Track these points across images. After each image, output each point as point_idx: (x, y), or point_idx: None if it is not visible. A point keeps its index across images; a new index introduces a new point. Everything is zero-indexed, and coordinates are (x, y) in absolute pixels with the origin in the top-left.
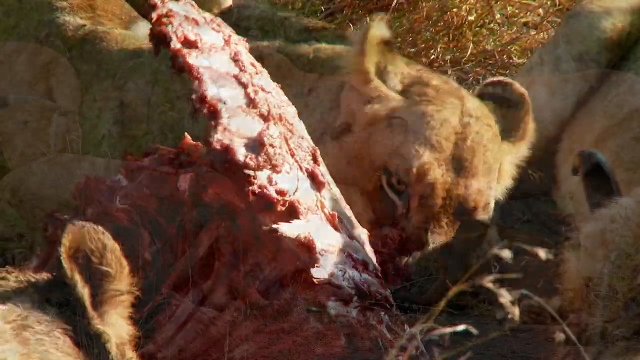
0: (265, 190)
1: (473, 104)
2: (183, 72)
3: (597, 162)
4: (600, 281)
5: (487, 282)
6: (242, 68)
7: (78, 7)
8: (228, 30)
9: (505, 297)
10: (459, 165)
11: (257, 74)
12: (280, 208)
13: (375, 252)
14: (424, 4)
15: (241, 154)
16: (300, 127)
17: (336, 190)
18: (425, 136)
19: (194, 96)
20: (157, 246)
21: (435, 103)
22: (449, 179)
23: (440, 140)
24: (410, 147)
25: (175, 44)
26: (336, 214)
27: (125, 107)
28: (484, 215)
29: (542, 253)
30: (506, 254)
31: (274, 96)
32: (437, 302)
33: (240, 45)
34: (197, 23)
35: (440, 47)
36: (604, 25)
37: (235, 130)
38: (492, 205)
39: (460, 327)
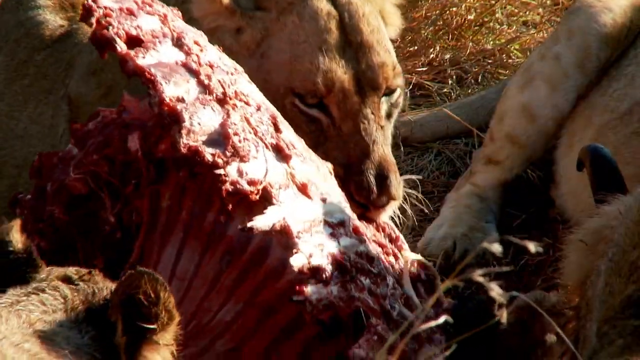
0: (238, 186)
1: None
2: (135, 75)
3: (602, 156)
4: (598, 278)
5: (478, 276)
6: (188, 51)
7: (60, 5)
8: (160, 7)
9: (495, 290)
10: (353, 49)
11: (202, 51)
12: (254, 197)
13: None
14: (423, 3)
15: (209, 153)
16: (255, 92)
17: (300, 147)
18: (309, 42)
19: (151, 101)
20: (120, 207)
21: (296, 2)
22: (352, 70)
23: (324, 37)
24: (302, 60)
25: (121, 47)
26: (306, 181)
27: (72, 104)
28: (399, 80)
29: (531, 246)
30: (496, 247)
31: (223, 69)
32: None
33: (177, 20)
34: (132, 13)
35: (440, 46)
36: (604, 21)
37: (198, 129)
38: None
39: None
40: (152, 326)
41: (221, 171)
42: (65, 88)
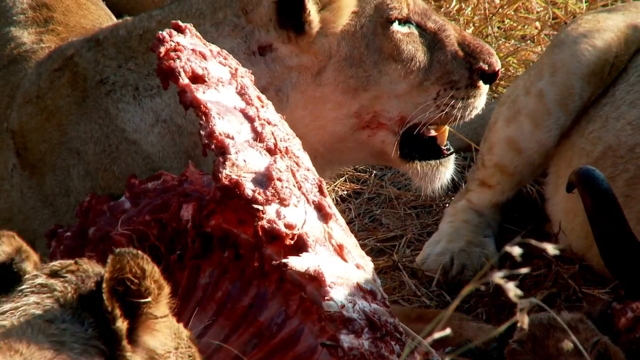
0: (274, 225)
1: None
2: (191, 107)
3: (594, 178)
4: None
5: (498, 278)
6: (249, 102)
7: (33, 20)
8: (234, 62)
9: (513, 291)
10: None
11: (263, 107)
12: (289, 242)
13: None
14: None
15: (249, 188)
16: (306, 159)
17: (342, 221)
18: None
19: (202, 132)
20: None
21: None
22: None
23: None
24: None
25: (184, 79)
26: (343, 244)
27: (16, 136)
28: None
29: (550, 248)
30: (516, 251)
31: (280, 129)
32: None
33: (247, 78)
34: (204, 56)
35: None
36: (588, 59)
37: (243, 165)
38: None
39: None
40: (146, 300)
41: (259, 207)
42: (7, 121)
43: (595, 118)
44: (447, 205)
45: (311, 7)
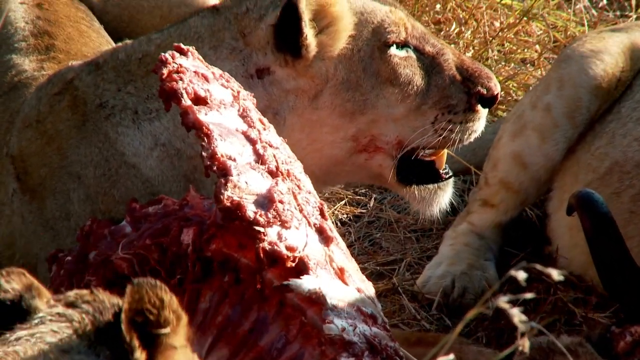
0: (275, 247)
1: None
2: (193, 129)
3: (594, 201)
4: None
5: (502, 303)
6: (251, 124)
7: (34, 48)
8: (236, 85)
9: (518, 317)
10: None
11: (264, 129)
12: (290, 264)
13: None
14: None
15: (251, 210)
16: (307, 182)
17: (343, 245)
18: None
19: (204, 153)
20: None
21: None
22: None
23: None
24: None
25: (186, 101)
26: (344, 268)
27: (16, 160)
28: None
29: (554, 274)
30: (521, 275)
31: (282, 152)
32: None
33: (248, 100)
34: (206, 79)
35: None
36: (595, 72)
37: (244, 187)
38: None
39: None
40: (166, 330)
41: (261, 228)
42: (7, 146)
43: (602, 134)
44: (447, 228)
45: (308, 31)
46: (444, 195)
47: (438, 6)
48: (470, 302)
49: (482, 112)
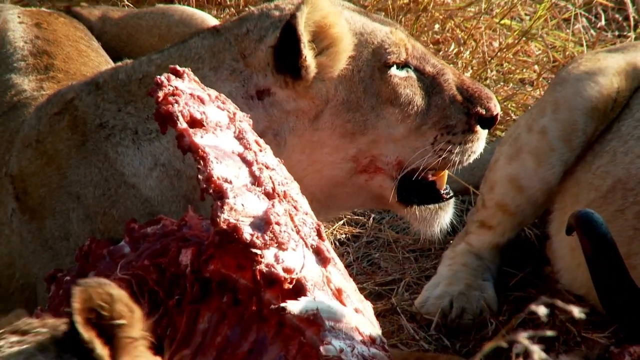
0: (272, 269)
1: None
2: (189, 151)
3: (593, 221)
4: None
5: (522, 338)
6: (247, 146)
7: (33, 67)
8: (232, 107)
9: (538, 354)
10: None
11: (261, 151)
12: (287, 286)
13: None
14: None
15: (248, 232)
16: (304, 203)
17: (340, 265)
18: None
19: (200, 176)
20: (157, 317)
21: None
22: None
23: None
24: None
25: (182, 124)
26: (342, 288)
27: (15, 180)
28: None
29: (575, 311)
30: (542, 311)
31: (278, 173)
32: None
33: (245, 122)
34: (202, 101)
35: None
36: (590, 94)
37: (241, 209)
38: None
39: None
40: (121, 321)
41: (257, 251)
42: (6, 166)
43: (602, 153)
44: (446, 248)
45: (307, 53)
46: (445, 216)
47: (437, 26)
48: (469, 322)
49: (482, 133)
